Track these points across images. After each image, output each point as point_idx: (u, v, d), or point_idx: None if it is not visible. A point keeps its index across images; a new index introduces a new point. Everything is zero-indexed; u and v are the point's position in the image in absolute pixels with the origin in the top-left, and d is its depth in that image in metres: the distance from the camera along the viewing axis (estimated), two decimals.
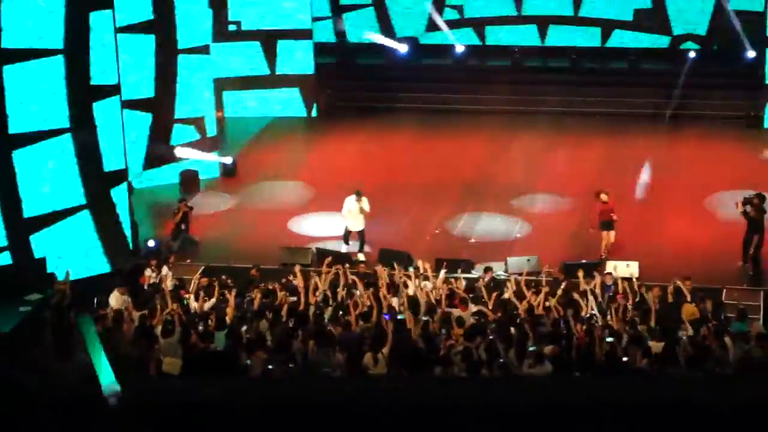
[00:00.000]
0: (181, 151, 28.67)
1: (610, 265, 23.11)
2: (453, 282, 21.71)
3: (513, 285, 21.46)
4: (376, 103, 34.76)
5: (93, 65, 23.38)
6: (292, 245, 25.00)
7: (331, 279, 21.71)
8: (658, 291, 21.07)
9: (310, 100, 34.33)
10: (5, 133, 22.31)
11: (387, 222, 26.47)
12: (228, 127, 32.70)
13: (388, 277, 21.79)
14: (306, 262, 23.98)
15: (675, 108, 33.37)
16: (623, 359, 18.30)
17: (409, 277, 21.73)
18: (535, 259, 23.81)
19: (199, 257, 24.96)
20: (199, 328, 19.71)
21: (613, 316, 20.15)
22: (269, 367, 18.24)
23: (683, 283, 21.33)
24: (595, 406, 9.47)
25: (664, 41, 35.30)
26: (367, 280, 21.65)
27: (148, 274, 22.91)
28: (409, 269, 22.60)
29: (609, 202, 24.65)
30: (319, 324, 19.73)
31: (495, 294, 21.05)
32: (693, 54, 34.14)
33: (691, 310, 20.65)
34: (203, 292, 21.43)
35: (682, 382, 11.35)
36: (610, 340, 18.78)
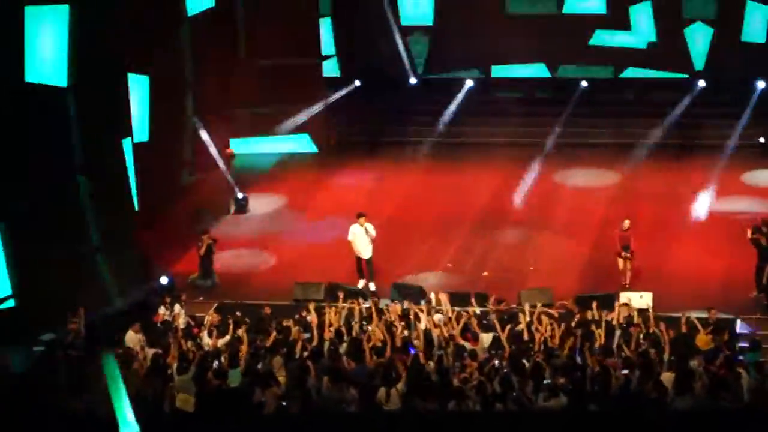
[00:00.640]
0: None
1: (624, 297, 23.08)
2: (465, 315, 21.65)
3: (527, 317, 21.42)
4: (387, 137, 34.69)
5: None
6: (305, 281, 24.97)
7: (345, 314, 21.71)
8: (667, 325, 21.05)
9: (320, 139, 34.04)
10: None
11: (400, 256, 26.52)
12: (238, 165, 32.65)
13: (401, 311, 21.82)
14: (318, 297, 23.99)
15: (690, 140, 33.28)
16: (637, 391, 18.24)
17: (422, 311, 21.72)
18: (549, 292, 23.80)
19: (211, 294, 24.96)
20: (214, 365, 19.73)
21: (627, 347, 20.10)
22: (283, 403, 18.24)
23: (709, 312, 21.48)
24: None
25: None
26: (380, 315, 21.65)
27: (162, 311, 22.90)
28: (422, 303, 22.60)
29: (628, 230, 24.70)
30: (333, 359, 19.73)
31: (508, 326, 21.02)
32: (702, 83, 34.11)
33: (705, 339, 20.62)
34: (216, 329, 21.42)
35: (697, 415, 11.34)
36: (624, 372, 18.74)
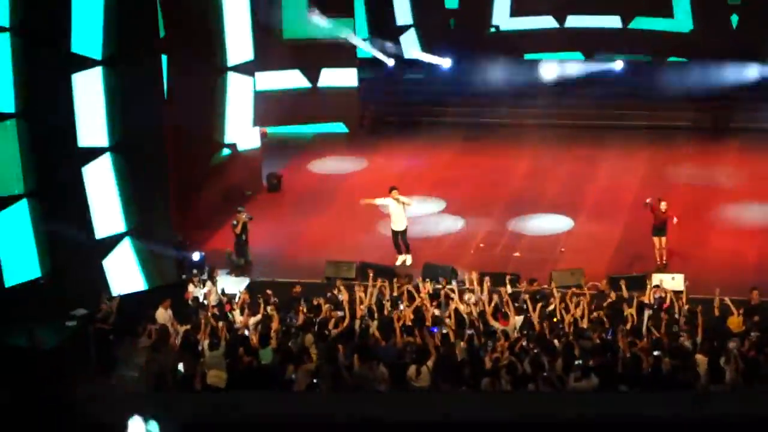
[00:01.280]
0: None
1: (656, 278, 22.98)
2: (497, 295, 21.63)
3: (558, 297, 21.38)
4: (420, 117, 34.63)
5: None
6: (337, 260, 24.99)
7: (376, 293, 21.73)
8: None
9: (353, 119, 33.93)
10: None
11: (432, 235, 26.58)
12: (271, 143, 32.63)
13: (432, 291, 21.82)
14: (350, 276, 24.02)
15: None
16: (669, 373, 18.18)
17: (453, 291, 21.71)
18: (580, 272, 23.74)
19: (244, 272, 25.01)
20: (245, 342, 19.82)
21: (659, 329, 20.02)
22: (314, 381, 18.30)
23: (751, 293, 21.42)
24: (642, 422, 9.42)
25: None
26: (412, 294, 21.66)
27: (191, 289, 22.94)
28: (453, 282, 22.59)
29: (666, 211, 24.58)
30: (363, 338, 19.77)
31: (540, 306, 21.00)
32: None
33: (737, 322, 20.52)
34: (247, 307, 21.47)
35: (730, 398, 11.26)
36: (656, 353, 18.68)
